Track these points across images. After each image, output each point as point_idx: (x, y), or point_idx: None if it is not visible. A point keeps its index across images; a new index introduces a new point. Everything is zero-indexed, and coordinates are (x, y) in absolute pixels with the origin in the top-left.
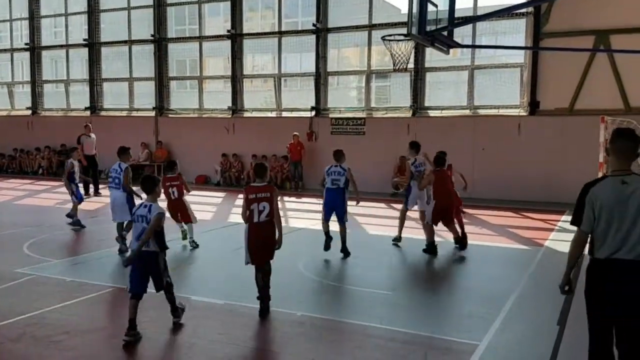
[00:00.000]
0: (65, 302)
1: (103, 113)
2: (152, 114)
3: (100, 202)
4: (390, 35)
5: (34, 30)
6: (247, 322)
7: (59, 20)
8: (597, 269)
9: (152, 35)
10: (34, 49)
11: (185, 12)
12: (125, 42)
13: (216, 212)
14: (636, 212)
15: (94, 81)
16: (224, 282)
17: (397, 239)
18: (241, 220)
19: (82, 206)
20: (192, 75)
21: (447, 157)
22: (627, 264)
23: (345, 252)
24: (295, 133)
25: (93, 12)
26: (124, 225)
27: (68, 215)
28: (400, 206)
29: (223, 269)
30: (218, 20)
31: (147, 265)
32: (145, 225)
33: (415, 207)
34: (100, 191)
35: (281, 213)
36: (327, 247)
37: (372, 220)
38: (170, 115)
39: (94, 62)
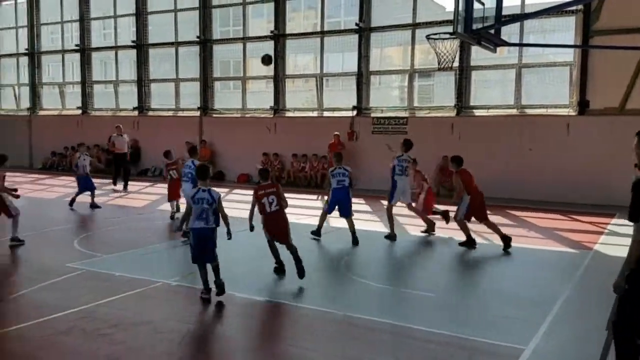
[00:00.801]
0: (113, 296)
1: (150, 113)
2: (197, 113)
3: (146, 199)
4: (435, 34)
5: (84, 32)
6: (284, 320)
7: (107, 23)
8: None
9: (197, 37)
10: (84, 51)
11: (230, 13)
12: (172, 43)
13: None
14: None
15: (142, 82)
16: (263, 279)
17: (391, 237)
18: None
19: (128, 203)
20: (235, 76)
21: (493, 156)
22: None
23: (356, 241)
24: (335, 132)
25: (141, 14)
26: (174, 206)
27: (91, 205)
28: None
29: (264, 268)
30: (261, 22)
31: (207, 239)
32: (206, 206)
33: (399, 203)
34: (128, 188)
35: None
36: (317, 234)
37: (411, 220)
38: (214, 115)
39: (141, 63)
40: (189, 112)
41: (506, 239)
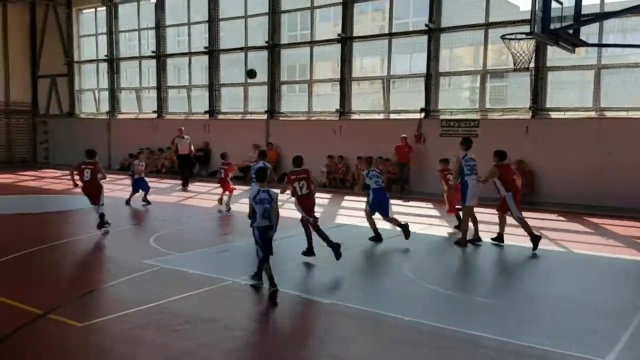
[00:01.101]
0: (187, 293)
1: (220, 116)
2: (264, 117)
3: (216, 200)
4: (511, 34)
5: (160, 39)
6: (351, 323)
7: (181, 30)
8: None
9: (266, 42)
10: (160, 57)
11: (297, 18)
12: (241, 49)
13: (323, 213)
14: None
15: (213, 86)
16: (328, 282)
17: (478, 239)
18: (346, 222)
19: (199, 203)
20: (302, 79)
21: (569, 161)
22: None
23: (407, 234)
24: (403, 135)
25: (213, 21)
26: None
27: (144, 200)
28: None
29: (326, 270)
30: (328, 25)
31: (265, 235)
32: (267, 206)
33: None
34: (189, 187)
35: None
36: (378, 238)
37: (481, 226)
38: (280, 118)
39: (213, 68)
40: (256, 115)
41: (501, 238)
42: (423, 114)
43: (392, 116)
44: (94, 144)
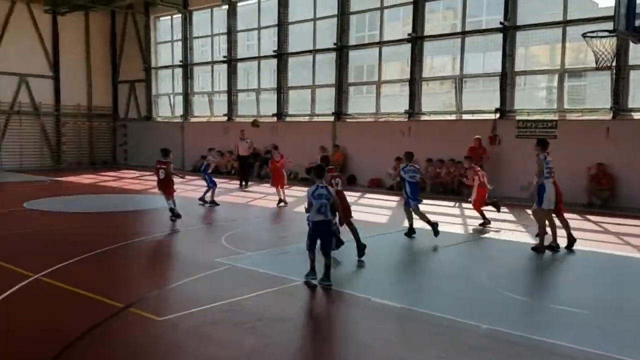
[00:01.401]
0: (258, 292)
1: (288, 119)
2: (331, 119)
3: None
4: (592, 32)
5: (231, 44)
6: (423, 328)
7: (251, 34)
8: None
9: (334, 44)
10: (231, 61)
11: (366, 19)
12: (310, 51)
13: (390, 216)
14: None
15: (281, 89)
16: (400, 286)
17: (549, 248)
18: (415, 225)
19: (267, 204)
20: (370, 80)
21: None
22: None
23: (435, 230)
24: (477, 136)
25: (282, 25)
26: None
27: (201, 199)
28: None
29: (398, 273)
30: (397, 25)
31: (325, 230)
32: (324, 201)
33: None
34: (249, 188)
35: (459, 221)
36: (436, 232)
37: (561, 232)
38: (347, 120)
39: (281, 71)
40: (323, 117)
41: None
42: (498, 115)
43: (465, 117)
44: (169, 146)
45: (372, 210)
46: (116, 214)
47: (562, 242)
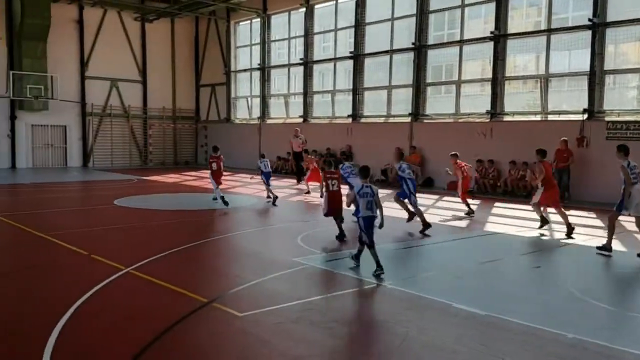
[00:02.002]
0: (334, 293)
1: (362, 120)
2: (408, 120)
3: None
4: None
5: (308, 46)
6: (509, 337)
7: (327, 36)
8: None
9: (412, 43)
10: (307, 63)
11: (445, 17)
12: (386, 51)
13: (470, 220)
14: None
15: (356, 90)
16: (483, 292)
17: (607, 249)
18: (498, 230)
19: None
20: (449, 80)
21: None
22: None
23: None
24: (563, 138)
25: (359, 26)
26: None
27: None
28: None
29: (480, 279)
30: (477, 23)
31: (372, 225)
32: (370, 199)
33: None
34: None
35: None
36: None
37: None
38: (425, 121)
39: (357, 72)
40: (400, 118)
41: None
42: (586, 116)
43: (550, 117)
44: (246, 147)
45: (451, 213)
46: (197, 212)
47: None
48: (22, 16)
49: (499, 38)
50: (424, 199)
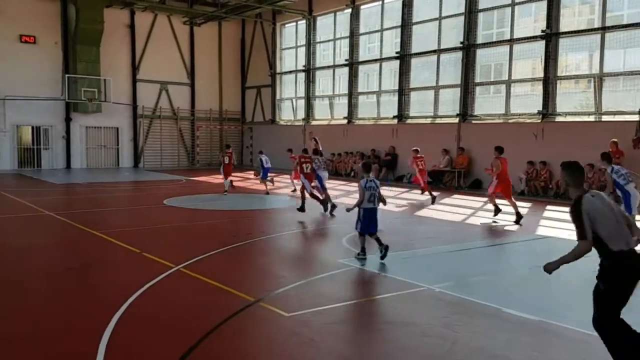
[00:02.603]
0: (382, 295)
1: (409, 121)
2: (455, 120)
3: (404, 205)
4: None
5: (353, 47)
6: (563, 344)
7: (372, 37)
8: None
9: (460, 43)
10: (352, 64)
11: (494, 16)
12: (434, 51)
13: (522, 224)
14: None
15: (402, 91)
16: (534, 297)
17: None
18: (549, 233)
19: (385, 207)
20: (498, 80)
21: None
22: None
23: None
24: (613, 139)
25: (406, 26)
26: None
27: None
28: None
29: (531, 284)
30: (528, 21)
31: (374, 215)
32: (375, 192)
33: None
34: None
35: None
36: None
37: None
38: (473, 122)
39: (403, 72)
40: (447, 119)
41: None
42: None
43: (604, 117)
44: (290, 148)
45: (500, 216)
46: (243, 212)
47: None
48: (76, 21)
49: (551, 36)
50: (470, 201)
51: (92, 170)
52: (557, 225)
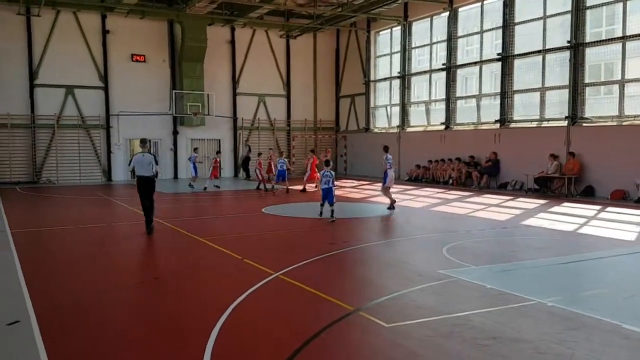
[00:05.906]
0: (487, 308)
1: (512, 125)
2: (564, 123)
3: (509, 213)
4: None
5: (451, 50)
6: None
7: (470, 39)
8: None
9: (568, 42)
10: (450, 68)
11: (602, 13)
12: (538, 51)
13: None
14: None
15: (505, 94)
16: (612, 300)
17: None
18: None
19: (490, 215)
20: (610, 80)
21: None
22: None
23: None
24: None
25: (508, 26)
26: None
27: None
28: None
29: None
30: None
31: (327, 193)
32: (328, 179)
33: None
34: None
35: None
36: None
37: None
38: (584, 125)
39: (505, 75)
40: (554, 122)
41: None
42: None
43: None
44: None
45: (617, 226)
46: (340, 220)
47: None
48: (182, 40)
49: None
50: (582, 210)
51: (197, 180)
52: None
